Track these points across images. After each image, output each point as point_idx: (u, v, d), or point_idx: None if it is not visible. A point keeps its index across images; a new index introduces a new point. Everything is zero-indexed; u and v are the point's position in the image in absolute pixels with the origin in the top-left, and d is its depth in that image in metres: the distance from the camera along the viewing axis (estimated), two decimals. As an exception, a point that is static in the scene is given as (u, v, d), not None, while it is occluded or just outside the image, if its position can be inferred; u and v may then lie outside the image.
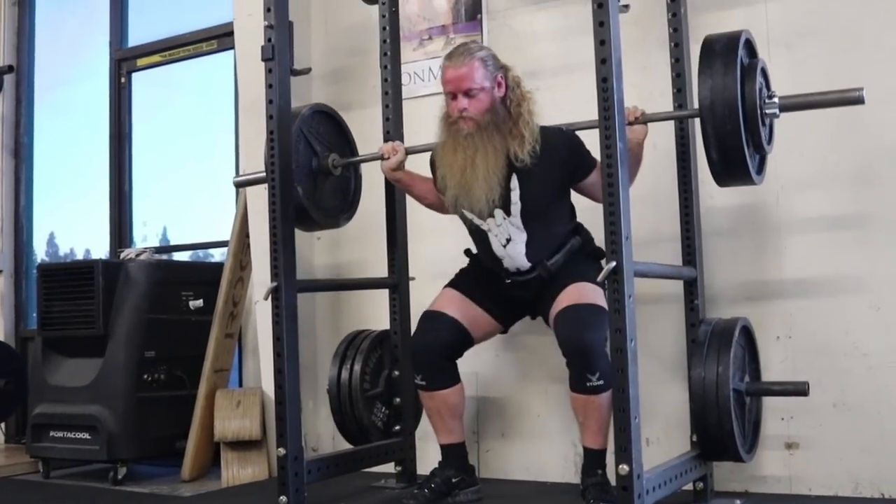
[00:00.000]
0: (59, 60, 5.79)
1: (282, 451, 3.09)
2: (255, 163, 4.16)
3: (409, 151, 3.40)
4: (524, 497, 3.50)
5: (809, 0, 3.35)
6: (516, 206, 3.10)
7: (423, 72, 4.10)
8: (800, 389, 2.98)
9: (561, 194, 3.17)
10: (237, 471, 4.03)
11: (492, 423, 3.90)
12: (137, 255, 4.58)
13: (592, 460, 3.06)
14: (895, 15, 3.22)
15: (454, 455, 3.33)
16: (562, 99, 3.73)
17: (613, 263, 2.54)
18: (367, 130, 3.89)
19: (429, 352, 3.22)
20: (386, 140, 3.69)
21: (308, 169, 3.42)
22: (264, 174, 3.29)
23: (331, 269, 4.37)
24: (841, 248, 3.25)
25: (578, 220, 3.30)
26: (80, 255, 5.72)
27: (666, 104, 3.32)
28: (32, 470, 4.49)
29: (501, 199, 3.08)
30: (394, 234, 3.72)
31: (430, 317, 3.27)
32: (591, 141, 2.86)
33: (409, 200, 3.73)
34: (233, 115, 4.83)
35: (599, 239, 3.05)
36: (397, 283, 3.69)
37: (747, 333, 3.13)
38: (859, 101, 2.72)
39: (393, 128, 3.73)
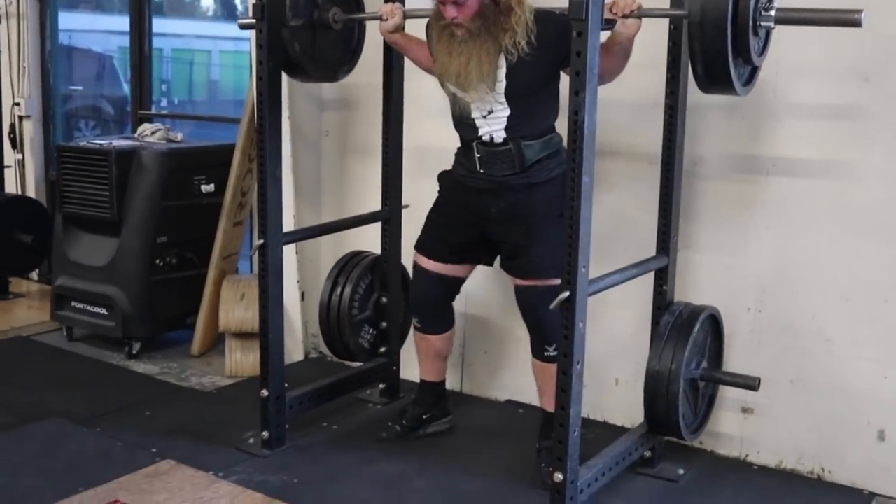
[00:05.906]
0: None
1: (265, 392, 3.35)
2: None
3: (407, 15, 3.38)
4: (496, 429, 3.75)
5: None
6: (501, 83, 3.09)
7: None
8: (749, 384, 3.12)
9: (547, 80, 3.14)
10: (240, 358, 4.32)
11: (476, 341, 4.11)
12: (153, 133, 4.69)
13: (549, 423, 3.28)
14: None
15: (430, 392, 3.59)
16: None
17: (567, 293, 2.61)
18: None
19: (426, 302, 3.47)
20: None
21: (308, 20, 3.37)
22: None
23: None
24: (818, 238, 3.29)
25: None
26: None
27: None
28: (56, 327, 4.83)
29: (488, 77, 3.09)
30: (387, 165, 3.78)
31: (419, 274, 3.44)
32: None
33: (405, 132, 3.78)
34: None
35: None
36: (389, 216, 3.78)
37: (713, 321, 3.23)
38: (856, 23, 2.52)
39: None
